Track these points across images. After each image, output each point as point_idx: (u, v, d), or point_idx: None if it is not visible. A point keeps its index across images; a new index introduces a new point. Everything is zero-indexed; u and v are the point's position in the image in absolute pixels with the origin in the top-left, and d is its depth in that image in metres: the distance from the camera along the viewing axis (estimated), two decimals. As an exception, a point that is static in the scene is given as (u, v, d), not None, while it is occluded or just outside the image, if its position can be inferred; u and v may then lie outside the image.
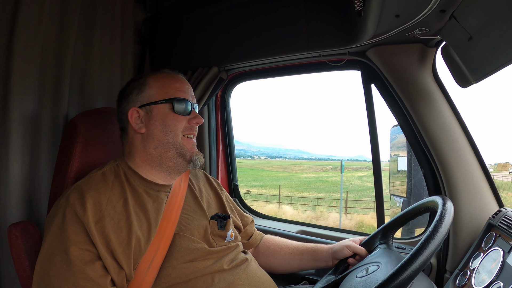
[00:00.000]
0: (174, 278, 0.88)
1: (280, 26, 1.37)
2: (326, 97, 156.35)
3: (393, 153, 1.68)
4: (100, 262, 0.81)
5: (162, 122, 0.96)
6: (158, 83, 0.99)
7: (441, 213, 0.79)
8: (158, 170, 0.98)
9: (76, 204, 0.83)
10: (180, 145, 0.97)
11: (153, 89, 0.98)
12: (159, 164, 0.97)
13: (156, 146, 0.96)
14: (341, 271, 1.07)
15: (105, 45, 1.48)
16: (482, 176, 1.19)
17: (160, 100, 0.96)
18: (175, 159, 0.97)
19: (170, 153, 0.97)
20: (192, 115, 0.99)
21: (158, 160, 0.97)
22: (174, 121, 0.96)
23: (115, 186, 0.91)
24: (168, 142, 0.96)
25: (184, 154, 0.97)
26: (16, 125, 1.15)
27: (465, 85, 1.01)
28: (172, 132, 0.96)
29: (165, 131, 0.96)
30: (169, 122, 0.96)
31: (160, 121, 0.96)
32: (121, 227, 0.85)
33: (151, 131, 0.96)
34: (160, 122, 0.96)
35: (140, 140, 0.97)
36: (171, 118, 0.96)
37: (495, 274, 0.88)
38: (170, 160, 0.97)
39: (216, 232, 1.01)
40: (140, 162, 0.98)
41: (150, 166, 0.98)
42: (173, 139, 0.96)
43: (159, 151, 0.96)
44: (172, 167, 0.98)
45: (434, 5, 0.91)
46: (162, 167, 0.98)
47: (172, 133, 0.96)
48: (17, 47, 1.15)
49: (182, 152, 0.97)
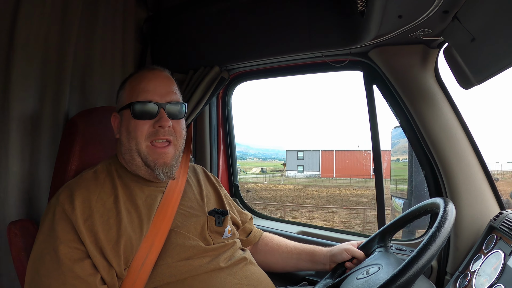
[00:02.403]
0: (169, 277, 0.87)
1: (282, 26, 1.36)
2: (326, 97, 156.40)
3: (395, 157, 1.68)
4: (89, 260, 0.80)
5: (126, 129, 0.92)
6: (129, 85, 0.96)
7: (443, 215, 0.79)
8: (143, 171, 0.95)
9: (65, 202, 0.83)
10: (144, 154, 0.91)
11: (125, 93, 0.96)
12: (134, 170, 0.94)
13: (125, 152, 0.94)
14: (338, 275, 1.07)
15: (106, 44, 1.48)
16: (483, 178, 1.19)
17: (124, 105, 0.93)
18: (143, 167, 0.92)
19: (137, 161, 0.92)
20: (157, 118, 0.90)
21: (131, 166, 0.94)
22: (134, 127, 0.90)
23: (106, 183, 0.91)
24: (132, 149, 0.91)
25: (148, 164, 0.91)
26: (16, 123, 1.15)
27: (467, 86, 1.01)
28: (134, 139, 0.90)
29: (128, 138, 0.91)
30: (131, 128, 0.91)
31: (125, 127, 0.93)
32: (111, 224, 0.84)
33: (121, 137, 0.95)
34: (125, 128, 0.92)
35: (118, 144, 0.98)
36: (132, 124, 0.90)
37: (496, 277, 0.87)
38: (140, 168, 0.93)
39: (213, 228, 0.99)
40: (125, 163, 0.97)
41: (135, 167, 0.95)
42: (136, 147, 0.91)
43: (128, 157, 0.93)
44: (145, 174, 0.94)
45: (437, 6, 0.91)
46: (139, 172, 0.94)
47: (134, 140, 0.90)
48: (18, 46, 1.15)
49: (146, 162, 0.91)
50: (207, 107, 1.76)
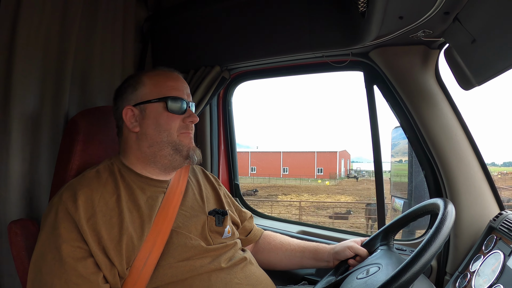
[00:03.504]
0: (171, 277, 0.88)
1: (283, 26, 1.37)
2: (325, 98, 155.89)
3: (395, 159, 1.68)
4: (92, 259, 0.81)
5: (156, 121, 0.95)
6: (152, 81, 0.98)
7: (443, 216, 0.79)
8: (153, 167, 0.98)
9: (68, 201, 0.83)
10: (176, 142, 0.96)
11: (147, 88, 0.98)
12: (153, 161, 0.97)
13: (150, 144, 0.96)
14: (341, 272, 1.07)
15: (106, 44, 1.48)
16: (483, 179, 1.19)
17: (154, 99, 0.96)
18: (170, 156, 0.97)
19: (165, 151, 0.96)
20: (187, 114, 0.99)
21: (153, 158, 0.97)
22: (168, 120, 0.96)
23: (108, 182, 0.91)
24: (162, 141, 0.96)
25: (181, 150, 0.97)
26: (17, 122, 1.15)
27: (468, 87, 1.01)
28: (166, 131, 0.96)
29: (158, 130, 0.95)
30: (163, 121, 0.95)
31: (153, 120, 0.96)
32: (113, 223, 0.85)
33: (145, 130, 0.96)
34: (154, 121, 0.96)
35: (134, 138, 0.98)
36: (164, 117, 0.96)
37: (495, 277, 0.88)
38: (165, 157, 0.97)
39: (213, 228, 1.00)
40: (135, 160, 0.98)
41: (145, 164, 0.98)
42: (167, 138, 0.96)
43: (153, 149, 0.96)
44: (167, 164, 0.98)
45: (438, 7, 0.91)
46: (156, 164, 0.98)
47: (166, 132, 0.96)
48: (19, 45, 1.14)
49: (178, 148, 0.97)
50: (208, 106, 1.76)
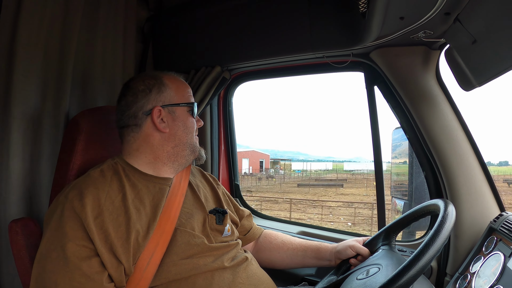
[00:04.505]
0: (174, 274, 0.89)
1: (284, 26, 1.37)
2: (325, 98, 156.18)
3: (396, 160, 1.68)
4: (97, 258, 0.81)
5: (184, 124, 1.02)
6: (174, 85, 1.03)
7: (443, 217, 0.79)
8: (168, 166, 1.01)
9: (74, 200, 0.83)
10: (194, 144, 1.06)
11: (172, 91, 1.02)
12: (173, 161, 1.02)
13: (176, 145, 1.01)
14: (342, 272, 1.08)
15: (107, 44, 1.48)
16: (483, 180, 1.19)
17: (183, 103, 1.02)
18: (187, 156, 1.05)
19: (186, 152, 1.03)
20: (196, 119, 1.09)
21: (174, 157, 1.01)
22: (192, 123, 1.05)
23: (113, 181, 0.92)
24: (187, 142, 1.03)
25: (195, 150, 1.06)
26: (17, 122, 1.15)
27: (468, 88, 1.01)
28: (191, 133, 1.04)
29: (186, 132, 1.03)
30: (189, 124, 1.04)
31: (182, 122, 1.02)
32: (120, 221, 0.85)
33: (174, 131, 1.01)
34: (183, 123, 1.02)
35: (158, 138, 0.99)
36: (190, 121, 1.04)
37: (496, 278, 0.87)
38: (184, 157, 1.04)
39: (214, 226, 1.02)
40: (149, 159, 0.98)
41: (162, 163, 1.00)
42: (190, 140, 1.04)
43: (178, 149, 1.02)
44: (183, 163, 1.05)
45: (439, 8, 0.91)
46: (174, 163, 1.02)
47: (191, 134, 1.04)
48: (20, 45, 1.15)
49: (194, 150, 1.06)
50: (209, 107, 1.76)
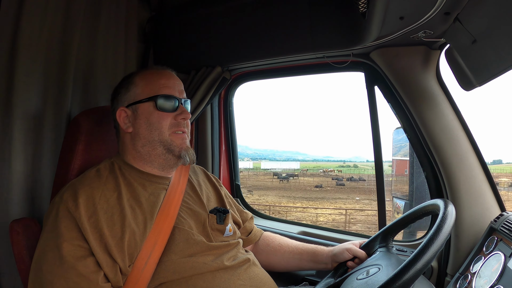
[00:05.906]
0: (173, 273, 0.88)
1: (284, 27, 1.37)
2: (324, 98, 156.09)
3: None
4: (92, 258, 0.81)
5: (147, 120, 0.97)
6: (144, 81, 1.00)
7: (443, 216, 0.79)
8: (150, 166, 1.00)
9: (68, 200, 0.84)
10: (167, 142, 0.97)
11: (139, 88, 0.99)
12: (149, 161, 0.99)
13: (143, 144, 0.98)
14: (340, 274, 1.07)
15: (109, 44, 1.48)
16: (484, 180, 1.19)
17: (144, 99, 0.97)
18: (164, 156, 0.98)
19: (158, 150, 0.97)
20: (178, 111, 0.99)
21: (148, 157, 0.98)
22: (159, 118, 0.96)
23: (109, 180, 0.92)
24: (154, 139, 0.97)
25: (172, 150, 0.98)
26: (19, 122, 1.16)
27: (469, 88, 1.01)
28: (157, 130, 0.97)
29: (150, 129, 0.97)
30: (154, 119, 0.96)
31: (144, 119, 0.97)
32: (115, 220, 0.85)
33: (137, 130, 0.98)
34: (145, 120, 0.97)
35: (129, 139, 0.99)
36: (155, 116, 0.96)
37: (496, 278, 0.87)
38: (159, 156, 0.98)
39: (214, 226, 1.01)
40: (132, 159, 1.00)
41: (142, 163, 0.99)
42: (158, 137, 0.97)
43: (147, 149, 0.98)
44: (163, 163, 1.00)
45: (439, 8, 0.91)
46: (153, 163, 0.99)
47: (157, 131, 0.97)
48: (21, 45, 1.15)
49: (170, 148, 0.98)
50: (209, 107, 1.77)
